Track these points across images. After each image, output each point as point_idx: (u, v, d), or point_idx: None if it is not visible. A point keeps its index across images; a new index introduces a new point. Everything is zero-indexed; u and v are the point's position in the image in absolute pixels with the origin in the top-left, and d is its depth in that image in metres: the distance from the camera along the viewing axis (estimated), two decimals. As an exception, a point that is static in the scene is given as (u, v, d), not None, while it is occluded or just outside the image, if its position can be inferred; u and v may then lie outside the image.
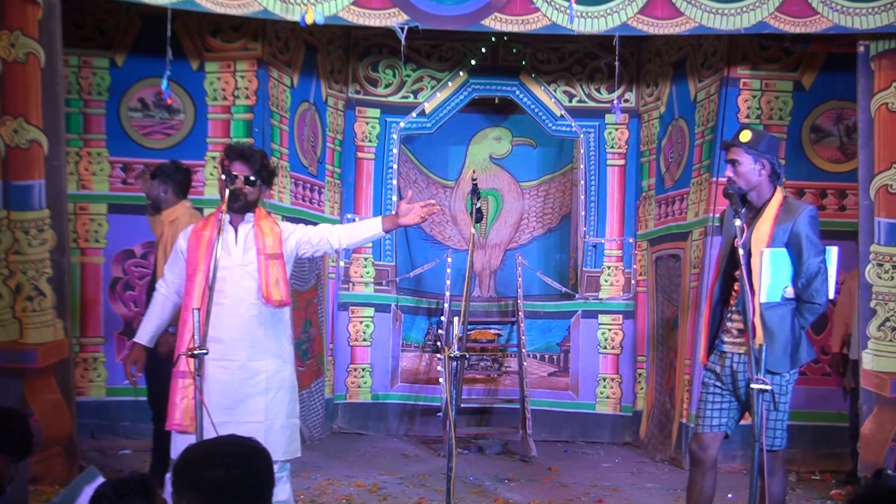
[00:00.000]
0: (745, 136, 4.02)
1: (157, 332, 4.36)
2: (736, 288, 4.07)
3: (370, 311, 7.98)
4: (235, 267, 4.12)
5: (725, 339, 4.13)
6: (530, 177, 8.85)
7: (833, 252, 4.07)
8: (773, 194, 4.06)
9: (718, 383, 4.13)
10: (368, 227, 4.32)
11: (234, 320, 4.08)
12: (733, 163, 4.04)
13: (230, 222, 4.16)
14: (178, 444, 4.07)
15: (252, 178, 4.14)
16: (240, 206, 4.13)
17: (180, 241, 4.23)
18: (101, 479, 3.34)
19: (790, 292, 3.99)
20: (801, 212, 3.99)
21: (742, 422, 4.24)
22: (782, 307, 3.98)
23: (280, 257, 4.20)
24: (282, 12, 5.57)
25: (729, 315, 4.11)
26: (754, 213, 4.08)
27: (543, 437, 7.62)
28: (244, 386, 4.09)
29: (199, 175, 6.68)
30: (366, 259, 8.00)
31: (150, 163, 6.76)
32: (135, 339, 4.34)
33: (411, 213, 4.18)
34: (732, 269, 4.07)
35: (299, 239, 4.27)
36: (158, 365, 5.11)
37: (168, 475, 4.15)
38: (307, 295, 7.35)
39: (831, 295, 4.07)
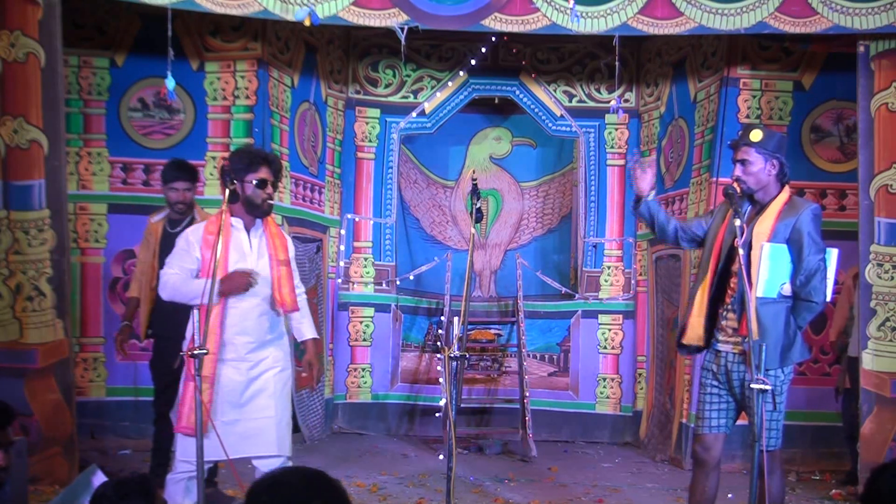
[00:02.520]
0: (757, 135, 4.00)
1: None
2: (732, 286, 4.08)
3: (370, 311, 7.98)
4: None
5: (720, 337, 4.13)
6: (530, 177, 8.85)
7: (833, 254, 4.06)
8: (779, 192, 4.05)
9: (715, 383, 4.14)
10: (304, 330, 4.50)
11: (248, 324, 4.16)
12: (743, 162, 4.02)
13: (244, 227, 4.23)
14: (187, 447, 4.04)
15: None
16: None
17: (191, 239, 4.18)
18: (102, 478, 3.34)
19: (787, 289, 3.98)
20: (804, 209, 3.98)
21: (739, 421, 4.25)
22: (777, 304, 3.97)
23: (288, 263, 4.32)
24: (282, 12, 5.57)
25: (724, 314, 4.11)
26: (757, 209, 4.08)
27: (543, 437, 7.62)
28: (254, 384, 4.17)
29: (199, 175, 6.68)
30: (366, 259, 8.00)
31: (149, 163, 6.79)
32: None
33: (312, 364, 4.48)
34: (730, 266, 4.07)
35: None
36: (164, 367, 5.12)
37: (169, 476, 4.16)
38: (307, 295, 7.33)
39: (829, 297, 4.06)
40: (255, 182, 4.13)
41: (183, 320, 4.27)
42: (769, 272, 3.92)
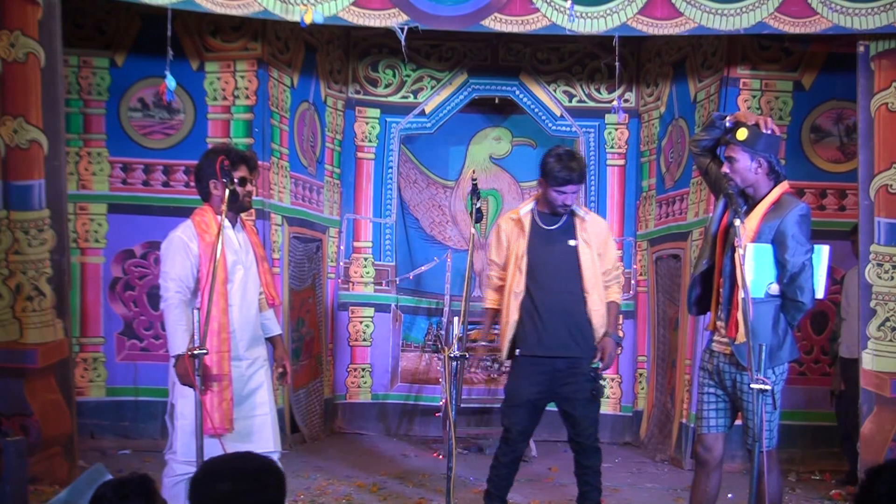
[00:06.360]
0: (742, 134, 4.02)
1: None
2: (720, 285, 4.09)
3: (370, 311, 7.98)
4: (244, 268, 4.22)
5: (715, 338, 4.15)
6: (530, 177, 8.82)
7: (824, 251, 4.04)
8: (770, 191, 4.05)
9: (712, 382, 4.15)
10: (272, 326, 4.49)
11: (244, 322, 4.21)
12: (730, 159, 4.05)
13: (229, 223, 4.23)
14: (188, 447, 4.02)
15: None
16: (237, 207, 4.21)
17: (191, 246, 4.14)
18: (108, 477, 3.34)
19: (775, 289, 3.97)
20: (790, 210, 3.97)
21: (738, 421, 4.25)
22: (765, 304, 3.96)
23: (265, 259, 4.41)
24: (282, 12, 5.57)
25: (719, 314, 4.12)
26: (749, 207, 4.09)
27: (543, 437, 7.60)
28: (250, 381, 4.22)
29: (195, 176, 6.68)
30: (366, 259, 8.00)
31: (149, 163, 6.80)
32: None
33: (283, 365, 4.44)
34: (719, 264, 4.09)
35: None
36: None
37: (167, 478, 4.14)
38: (302, 294, 7.35)
39: (820, 295, 4.04)
40: (237, 180, 4.15)
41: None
42: (754, 272, 3.91)
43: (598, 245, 4.85)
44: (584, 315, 4.79)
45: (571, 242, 4.80)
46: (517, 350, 4.85)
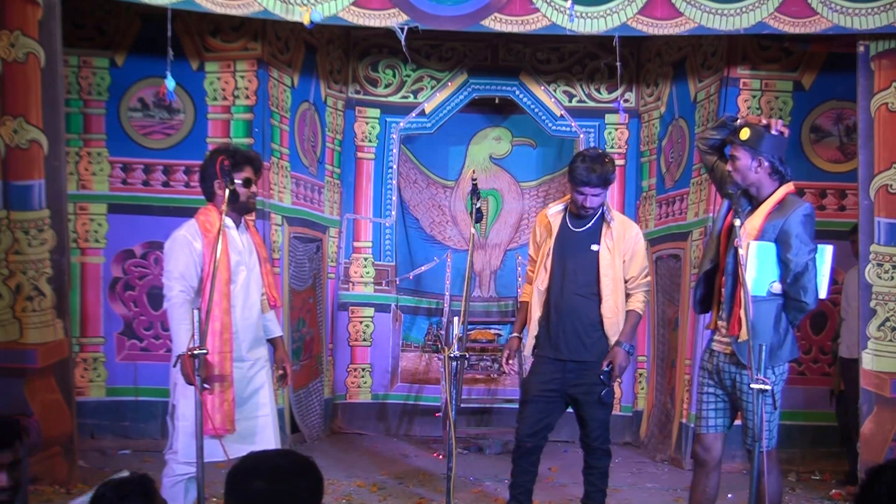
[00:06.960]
0: (744, 134, 4.04)
1: None
2: (722, 284, 4.09)
3: (370, 311, 7.98)
4: (247, 269, 4.23)
5: (715, 337, 4.16)
6: (530, 177, 8.84)
7: (828, 251, 4.05)
8: (774, 191, 4.06)
9: (711, 382, 4.15)
10: (273, 327, 4.49)
11: (246, 322, 4.21)
12: (733, 158, 4.06)
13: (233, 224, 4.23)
14: (188, 447, 4.03)
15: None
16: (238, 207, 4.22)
17: (195, 245, 4.13)
18: None
19: (777, 288, 3.97)
20: (794, 210, 3.97)
21: (737, 421, 4.25)
22: (767, 303, 3.97)
23: (268, 261, 4.41)
24: (282, 12, 5.57)
25: (720, 313, 4.12)
26: (752, 207, 4.09)
27: (543, 437, 7.61)
28: (252, 382, 4.22)
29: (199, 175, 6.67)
30: (366, 259, 8.00)
31: (149, 163, 6.79)
32: None
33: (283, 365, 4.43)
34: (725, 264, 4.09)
35: None
36: None
37: (167, 478, 4.14)
38: (303, 294, 7.35)
39: (823, 295, 4.04)
40: (240, 181, 4.15)
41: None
42: (756, 271, 3.91)
43: (623, 251, 4.79)
44: (598, 320, 4.76)
45: (594, 247, 4.76)
46: (535, 349, 4.89)
